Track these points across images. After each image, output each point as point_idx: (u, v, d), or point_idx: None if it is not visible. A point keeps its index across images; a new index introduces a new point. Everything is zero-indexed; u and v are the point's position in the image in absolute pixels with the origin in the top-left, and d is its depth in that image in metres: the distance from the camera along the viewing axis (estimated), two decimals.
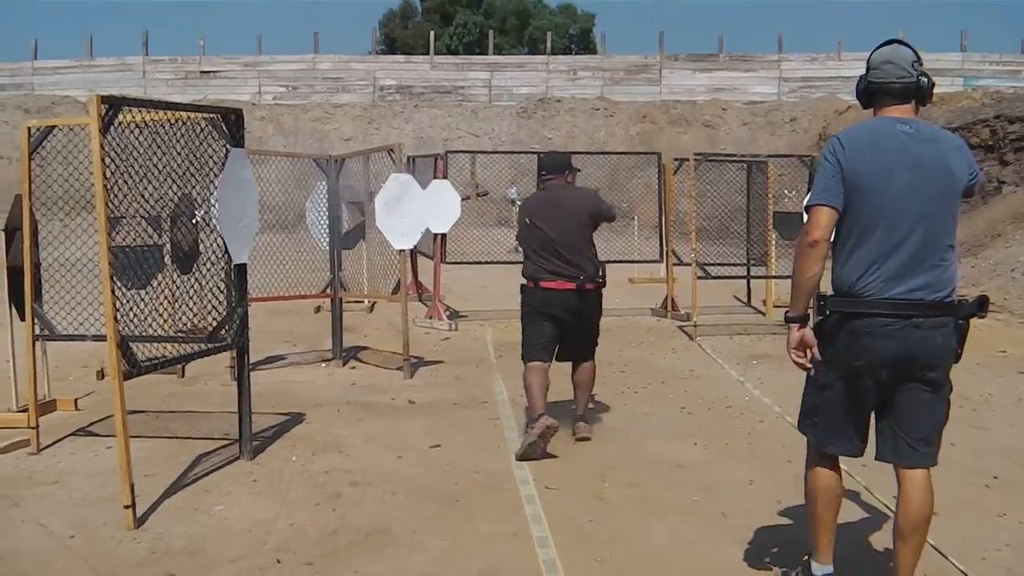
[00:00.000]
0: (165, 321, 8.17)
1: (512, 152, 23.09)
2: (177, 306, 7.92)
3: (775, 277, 14.69)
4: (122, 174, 6.11)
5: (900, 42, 4.55)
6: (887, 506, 6.18)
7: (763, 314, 15.19)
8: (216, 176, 6.84)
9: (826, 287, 4.49)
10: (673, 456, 7.35)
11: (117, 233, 6.72)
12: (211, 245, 7.10)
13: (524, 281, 7.81)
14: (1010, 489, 6.62)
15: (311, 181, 11.33)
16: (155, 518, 5.90)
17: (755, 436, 7.97)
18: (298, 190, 11.67)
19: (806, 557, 4.75)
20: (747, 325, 14.00)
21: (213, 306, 7.10)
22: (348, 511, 6.04)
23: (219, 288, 7.05)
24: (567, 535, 5.67)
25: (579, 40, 56.15)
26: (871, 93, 4.51)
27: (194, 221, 7.19)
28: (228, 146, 6.87)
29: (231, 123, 6.96)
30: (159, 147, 6.58)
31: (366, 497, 6.32)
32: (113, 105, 5.91)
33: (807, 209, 4.50)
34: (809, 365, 4.49)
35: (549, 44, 41.95)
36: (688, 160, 13.25)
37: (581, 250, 7.67)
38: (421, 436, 7.88)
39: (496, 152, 22.44)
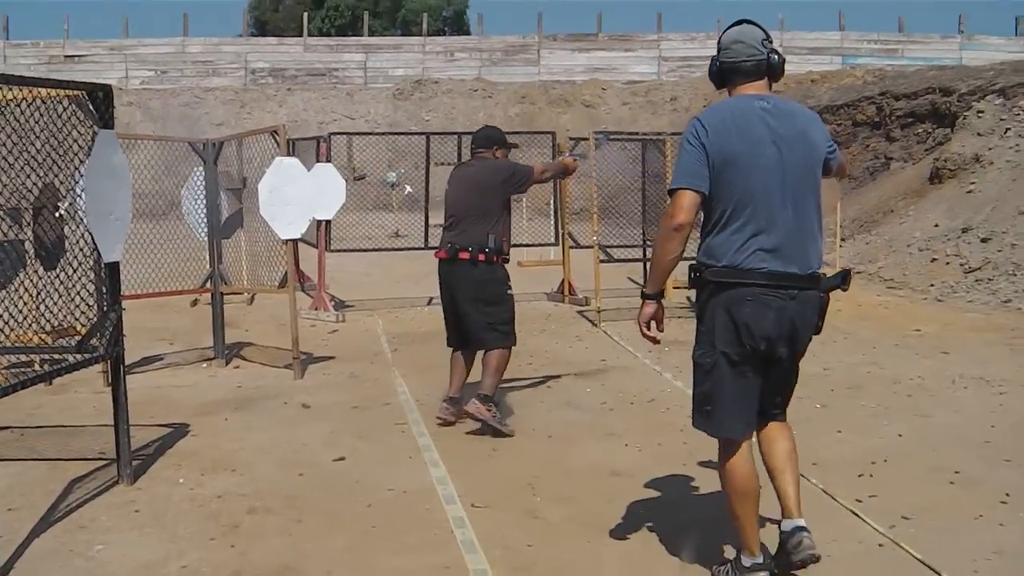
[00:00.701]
0: (29, 325, 7.26)
1: (396, 133, 22.27)
2: (42, 306, 6.97)
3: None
4: None
5: (749, 21, 4.59)
6: (849, 508, 5.64)
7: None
8: (82, 163, 5.95)
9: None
10: (605, 461, 6.67)
11: None
12: (77, 241, 6.21)
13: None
14: (975, 486, 6.08)
15: (183, 167, 10.58)
16: (22, 566, 4.99)
17: (688, 434, 7.24)
18: (168, 177, 10.94)
19: (736, 552, 4.63)
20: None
21: (82, 311, 6.21)
22: (249, 546, 5.21)
23: (87, 290, 6.18)
24: (507, 566, 4.92)
25: (453, 23, 55.35)
26: (724, 73, 4.55)
27: (58, 214, 6.28)
28: (96, 128, 5.97)
29: (98, 102, 6.08)
30: (15, 130, 5.66)
31: (268, 527, 5.49)
32: None
33: (671, 193, 4.41)
34: (658, 339, 4.53)
35: (425, 25, 41.01)
36: (587, 139, 12.55)
37: (470, 219, 7.41)
38: (322, 448, 7.08)
39: (380, 134, 21.64)
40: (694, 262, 4.51)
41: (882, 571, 4.86)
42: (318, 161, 13.30)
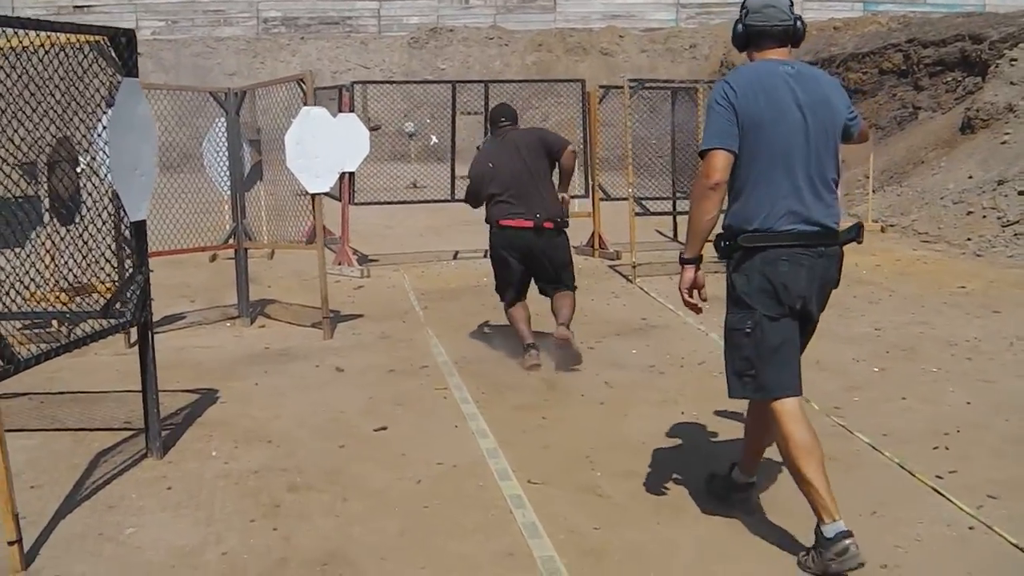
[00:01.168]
0: (46, 282, 6.87)
1: (419, 82, 21.78)
2: (59, 262, 6.58)
3: None
4: None
5: None
6: (930, 486, 5.22)
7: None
8: (104, 114, 5.50)
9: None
10: (662, 430, 6.25)
11: None
12: (99, 198, 5.77)
13: (489, 225, 8.04)
14: None
15: (196, 119, 10.23)
16: (48, 552, 4.59)
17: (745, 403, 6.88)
18: (182, 128, 10.43)
19: (816, 526, 4.31)
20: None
21: (104, 269, 5.79)
22: (293, 529, 4.80)
23: (109, 248, 5.77)
24: (575, 552, 4.50)
25: None
26: (751, 36, 4.58)
27: (78, 170, 5.85)
28: (119, 76, 5.51)
29: (121, 47, 5.62)
30: (32, 80, 5.19)
31: (311, 507, 5.08)
32: None
33: (702, 154, 4.45)
34: (700, 306, 4.53)
35: None
36: (623, 87, 12.10)
37: (539, 188, 7.89)
38: (360, 416, 6.67)
39: (401, 82, 21.18)
40: (721, 231, 4.55)
41: (980, 560, 4.43)
42: (340, 111, 12.86)
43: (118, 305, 5.61)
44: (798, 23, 4.60)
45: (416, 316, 10.10)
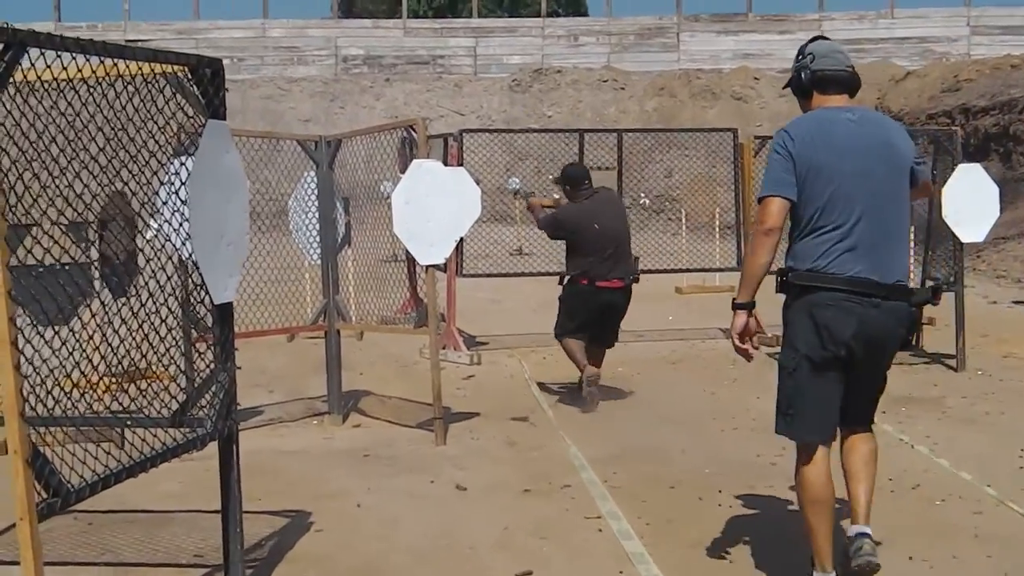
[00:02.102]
0: (94, 367, 6.24)
1: (535, 131, 21.51)
2: (110, 340, 5.97)
3: None
4: (30, 159, 4.10)
5: (826, 39, 5.45)
6: None
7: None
8: (179, 165, 4.87)
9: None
10: None
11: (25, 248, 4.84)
12: (163, 263, 5.12)
13: (573, 276, 9.79)
14: None
15: (264, 171, 9.63)
16: None
17: (987, 541, 6.05)
18: (255, 183, 9.85)
19: (810, 571, 5.05)
20: None
21: (171, 354, 5.13)
22: None
23: (172, 327, 5.12)
24: None
25: (568, 4, 53.83)
26: (816, 82, 5.17)
27: (148, 237, 5.23)
28: (202, 116, 4.91)
29: (205, 81, 5.02)
30: (89, 118, 4.55)
31: None
32: (14, 44, 3.85)
33: (760, 200, 5.04)
34: (752, 352, 5.11)
35: (544, 5, 39.77)
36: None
37: (629, 250, 9.94)
38: (495, 553, 5.97)
39: (521, 131, 20.79)
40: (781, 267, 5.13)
41: None
42: (446, 164, 12.27)
43: (194, 410, 4.96)
44: (855, 72, 5.27)
45: (545, 416, 9.54)
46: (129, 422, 5.23)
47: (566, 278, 9.92)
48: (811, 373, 4.97)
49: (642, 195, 22.76)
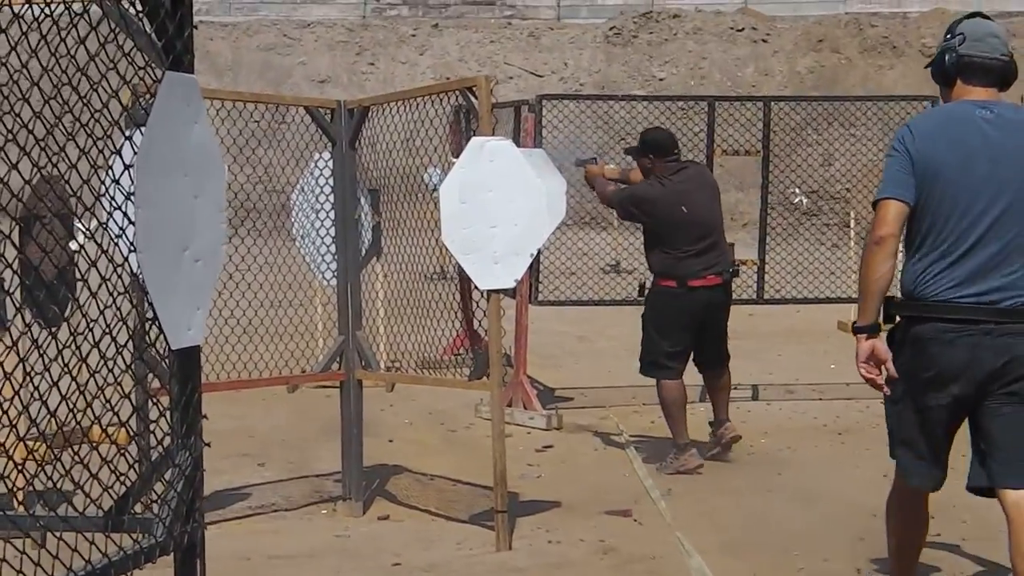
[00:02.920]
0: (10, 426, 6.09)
1: (635, 98, 21.06)
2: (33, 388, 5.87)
3: None
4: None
5: (985, 16, 6.07)
6: None
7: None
8: (125, 134, 4.67)
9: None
10: None
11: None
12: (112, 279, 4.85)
13: (661, 282, 10.23)
14: None
15: (264, 151, 9.79)
16: None
17: None
18: (241, 166, 9.76)
19: None
20: None
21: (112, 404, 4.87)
22: None
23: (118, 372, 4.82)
24: None
25: None
26: (962, 68, 5.81)
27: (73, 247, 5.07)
28: (158, 69, 4.67)
29: (163, 14, 4.78)
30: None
31: None
32: None
33: (875, 204, 5.89)
34: (881, 381, 5.87)
35: None
36: None
37: (720, 235, 10.32)
38: None
39: (615, 98, 20.51)
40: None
41: None
42: (518, 144, 12.18)
43: (139, 510, 4.69)
44: (1013, 62, 5.86)
45: (654, 508, 9.35)
46: (41, 523, 4.98)
47: (647, 284, 10.68)
48: (914, 412, 5.89)
49: (796, 191, 22.36)
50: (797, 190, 21.52)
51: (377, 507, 9.46)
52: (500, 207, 8.48)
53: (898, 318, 5.93)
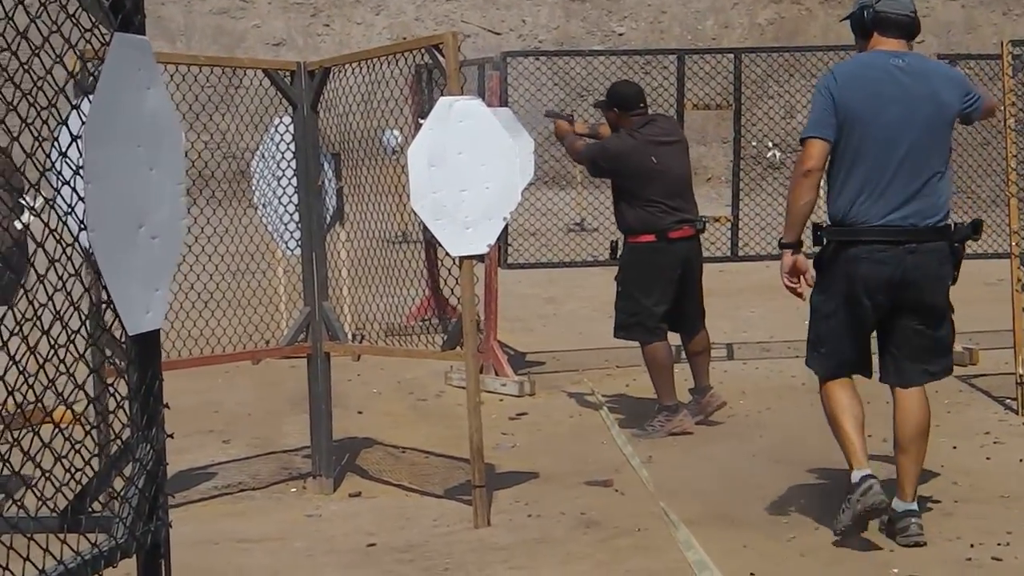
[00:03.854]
0: None
1: (620, 53, 21.03)
2: None
3: None
4: None
5: None
6: None
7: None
8: (71, 102, 4.41)
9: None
10: None
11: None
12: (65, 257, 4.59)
13: (639, 237, 10.19)
14: None
15: (223, 117, 9.67)
16: None
17: None
18: (201, 133, 9.69)
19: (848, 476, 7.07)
20: None
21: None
22: None
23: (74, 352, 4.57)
24: None
25: None
26: (879, 23, 6.98)
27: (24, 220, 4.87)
28: (107, 30, 4.46)
29: None
30: None
31: None
32: None
33: (802, 141, 7.11)
34: (801, 290, 7.23)
35: None
36: (998, 58, 11.25)
37: (689, 188, 10.47)
38: None
39: (583, 53, 20.31)
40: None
41: None
42: (485, 100, 11.93)
43: (97, 507, 4.52)
44: (917, 16, 7.04)
45: (634, 478, 9.12)
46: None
47: (621, 243, 10.61)
48: (845, 321, 7.09)
49: (769, 143, 22.31)
50: (770, 143, 21.37)
51: (348, 483, 9.35)
52: (471, 170, 8.29)
53: (825, 241, 7.10)
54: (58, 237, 4.31)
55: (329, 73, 9.30)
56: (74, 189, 4.17)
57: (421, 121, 8.65)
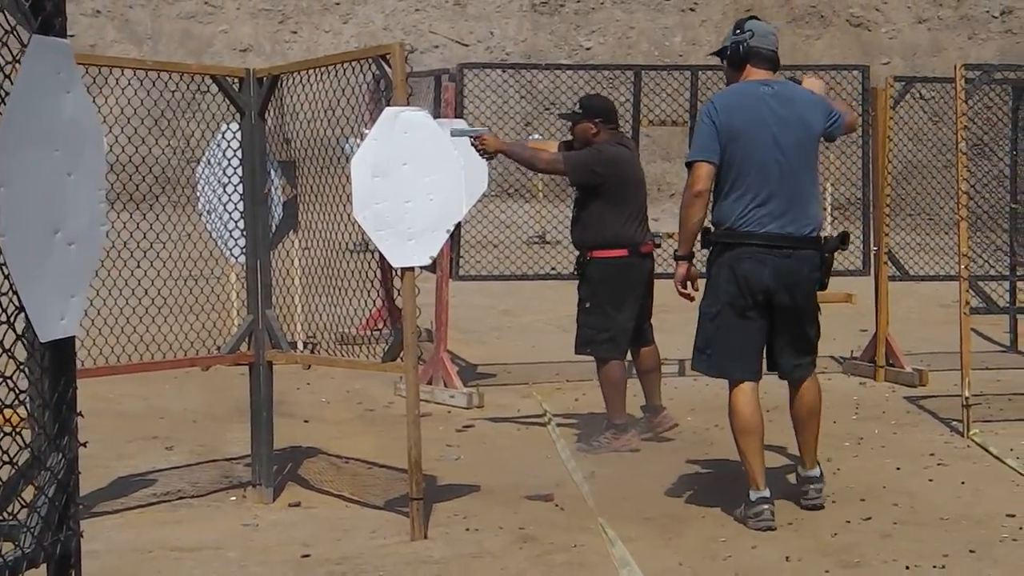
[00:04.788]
0: None
1: (562, 67, 20.95)
2: None
3: None
4: None
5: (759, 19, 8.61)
6: None
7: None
8: None
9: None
10: None
11: None
12: None
13: (610, 252, 10.21)
14: None
15: (185, 122, 9.86)
16: None
17: None
18: (160, 138, 9.64)
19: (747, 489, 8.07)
20: None
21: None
22: None
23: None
24: None
25: None
26: (752, 56, 8.06)
27: None
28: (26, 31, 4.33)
29: None
30: None
31: None
32: None
33: (688, 165, 8.16)
34: (694, 295, 8.28)
35: None
36: (953, 81, 10.97)
37: (644, 206, 10.59)
38: None
39: (541, 67, 20.31)
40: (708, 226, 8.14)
41: None
42: (438, 115, 12.26)
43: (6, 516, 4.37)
44: (777, 53, 8.17)
45: (576, 493, 9.08)
46: None
47: (592, 254, 10.26)
48: (733, 319, 7.96)
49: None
50: None
51: (289, 493, 9.21)
52: (415, 181, 8.24)
53: (714, 243, 8.05)
54: None
55: (278, 81, 9.21)
56: None
57: (366, 132, 8.56)
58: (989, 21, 32.11)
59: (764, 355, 8.22)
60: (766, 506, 7.83)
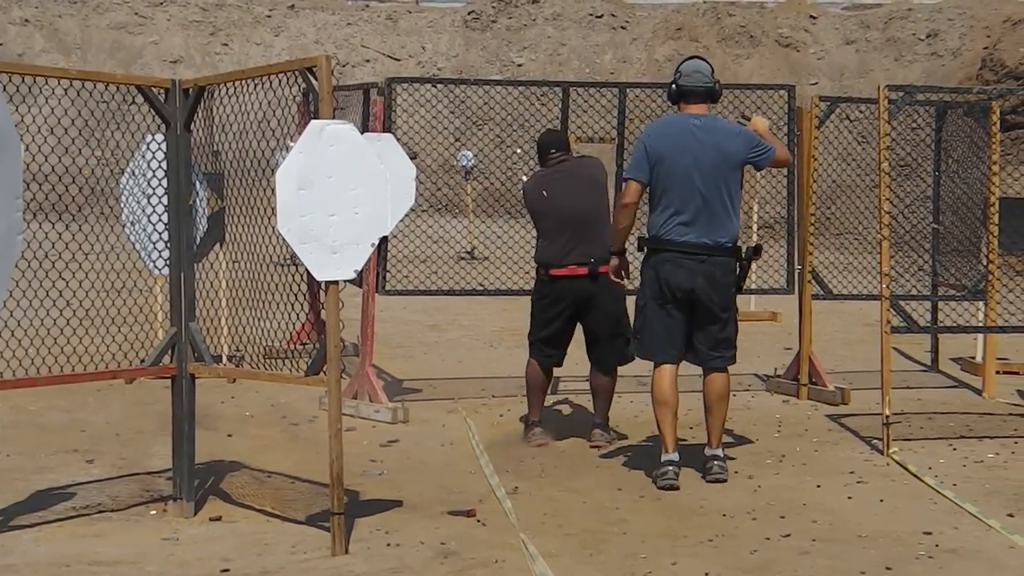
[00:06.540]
0: None
1: (492, 83, 20.61)
2: None
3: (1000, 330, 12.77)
4: None
5: (700, 58, 9.87)
6: None
7: (978, 391, 13.55)
8: None
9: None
10: None
11: None
12: None
13: (537, 269, 11.01)
14: None
15: (112, 133, 9.62)
16: None
17: None
18: (88, 148, 9.83)
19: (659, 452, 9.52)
20: (962, 416, 12.33)
21: None
22: None
23: None
24: None
25: None
26: (682, 94, 9.42)
27: None
28: None
29: None
30: None
31: None
32: None
33: (624, 180, 9.68)
34: (626, 284, 10.17)
35: None
36: (876, 101, 11.16)
37: (596, 226, 10.59)
38: None
39: (471, 82, 20.00)
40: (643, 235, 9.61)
41: None
42: (366, 128, 12.14)
43: None
44: (716, 85, 9.42)
45: (498, 508, 9.05)
46: None
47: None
48: (656, 311, 9.34)
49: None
50: None
51: (210, 507, 9.08)
52: (340, 194, 8.15)
53: (646, 249, 9.43)
54: None
55: (203, 92, 9.06)
56: None
57: (291, 144, 8.44)
58: (916, 43, 32.23)
59: (684, 345, 9.41)
60: (671, 467, 9.21)
